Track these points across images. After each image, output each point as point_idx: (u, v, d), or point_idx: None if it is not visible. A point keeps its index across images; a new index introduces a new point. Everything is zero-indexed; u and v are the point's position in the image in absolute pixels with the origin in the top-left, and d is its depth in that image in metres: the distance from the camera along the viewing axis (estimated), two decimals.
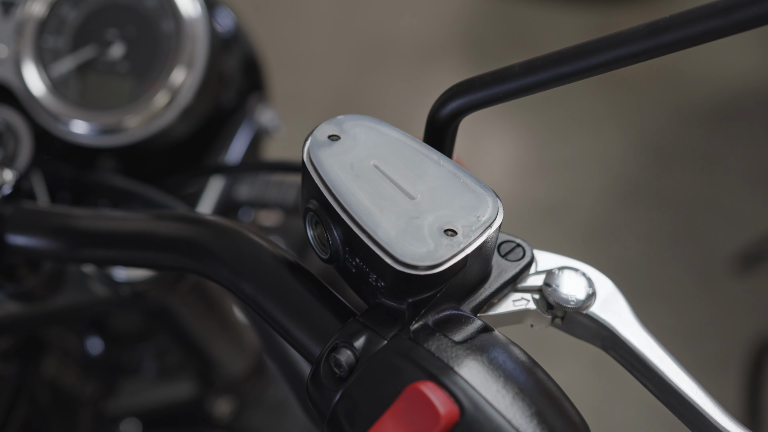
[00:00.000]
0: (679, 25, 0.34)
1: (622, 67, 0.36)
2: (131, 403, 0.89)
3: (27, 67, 0.67)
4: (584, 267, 0.44)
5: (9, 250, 0.52)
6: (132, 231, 0.49)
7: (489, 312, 0.43)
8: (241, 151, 0.77)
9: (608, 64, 0.37)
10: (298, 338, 0.42)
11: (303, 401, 0.59)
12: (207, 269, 0.46)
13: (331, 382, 0.38)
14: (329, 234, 0.41)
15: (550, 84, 0.39)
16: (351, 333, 0.38)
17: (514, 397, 0.35)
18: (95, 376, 0.84)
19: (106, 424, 0.87)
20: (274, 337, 0.61)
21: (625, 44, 0.36)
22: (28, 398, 0.72)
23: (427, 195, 0.41)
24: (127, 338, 0.87)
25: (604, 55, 0.36)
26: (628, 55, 0.36)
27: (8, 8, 0.68)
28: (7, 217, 0.53)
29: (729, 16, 0.33)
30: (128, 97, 0.66)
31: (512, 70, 0.39)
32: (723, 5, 0.33)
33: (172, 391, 0.90)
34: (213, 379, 0.89)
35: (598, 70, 0.37)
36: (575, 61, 0.37)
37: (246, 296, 0.43)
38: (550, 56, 0.38)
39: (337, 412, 0.37)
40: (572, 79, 0.38)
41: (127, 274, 0.64)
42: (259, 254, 0.44)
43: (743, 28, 0.33)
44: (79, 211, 0.52)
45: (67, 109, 0.66)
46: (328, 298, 0.42)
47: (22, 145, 0.64)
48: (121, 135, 0.65)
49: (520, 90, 0.39)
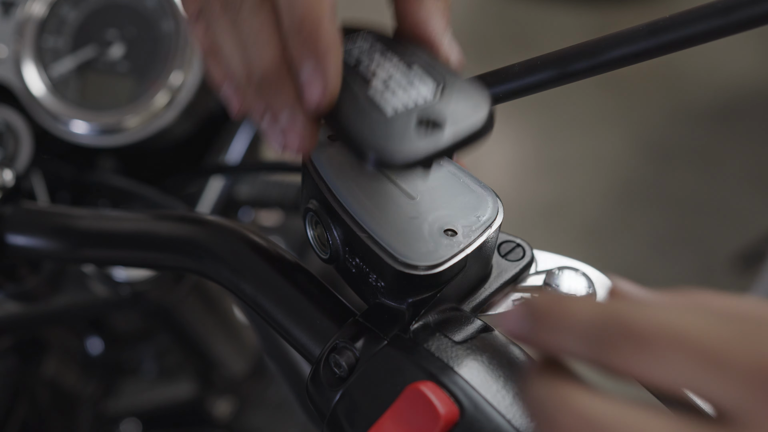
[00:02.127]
0: (679, 25, 0.34)
1: (622, 67, 0.36)
2: (131, 403, 0.89)
3: (27, 67, 0.67)
4: (584, 267, 0.44)
5: (9, 250, 0.52)
6: (132, 231, 0.49)
7: (489, 312, 0.43)
8: (241, 151, 0.77)
9: (608, 64, 0.37)
10: (298, 338, 0.42)
11: (303, 401, 0.59)
12: (207, 269, 0.46)
13: (331, 382, 0.38)
14: (329, 234, 0.41)
15: (550, 84, 0.39)
16: (351, 333, 0.38)
17: (514, 397, 0.35)
18: (95, 376, 0.84)
19: (106, 424, 0.87)
20: (274, 337, 0.61)
21: (625, 44, 0.36)
22: (28, 398, 0.72)
23: (427, 195, 0.41)
24: (127, 338, 0.87)
25: (604, 55, 0.36)
26: (628, 55, 0.36)
27: (8, 8, 0.68)
28: (7, 217, 0.53)
29: (729, 16, 0.33)
30: (128, 97, 0.66)
31: (512, 69, 0.39)
32: (723, 5, 0.33)
33: (172, 391, 0.90)
34: (213, 379, 0.89)
35: (599, 70, 0.37)
36: (576, 60, 0.37)
37: (246, 296, 0.43)
38: (550, 56, 0.38)
39: (337, 412, 0.37)
40: (573, 78, 0.38)
41: (127, 274, 0.64)
42: (259, 254, 0.44)
43: (743, 28, 0.33)
44: (79, 211, 0.52)
45: (67, 109, 0.66)
46: (328, 298, 0.42)
47: (22, 145, 0.64)
48: (121, 135, 0.65)
49: (520, 90, 0.39)
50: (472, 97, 0.36)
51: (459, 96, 0.36)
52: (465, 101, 0.35)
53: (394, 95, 0.36)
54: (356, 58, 0.39)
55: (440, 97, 0.36)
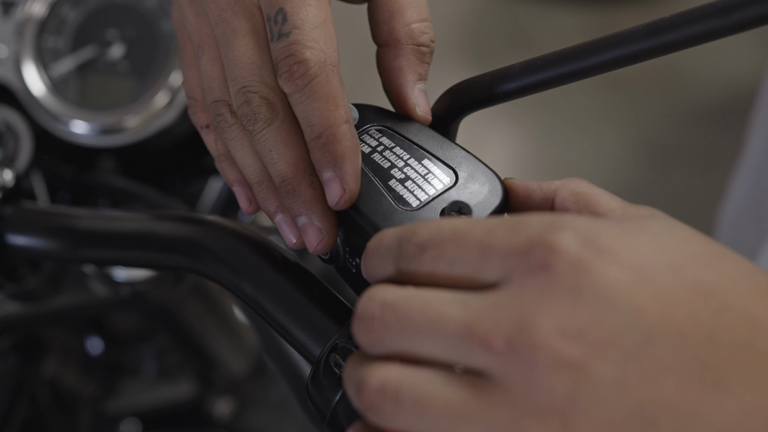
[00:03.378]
0: (679, 25, 0.34)
1: (622, 67, 0.36)
2: (131, 403, 0.89)
3: (27, 67, 0.67)
4: None
5: (9, 250, 0.52)
6: (132, 231, 0.49)
7: None
8: None
9: (608, 64, 0.37)
10: (298, 338, 0.42)
11: (303, 401, 0.59)
12: (207, 269, 0.46)
13: (331, 382, 0.38)
14: None
15: (550, 84, 0.39)
16: (351, 333, 0.38)
17: None
18: (95, 376, 0.84)
19: (106, 424, 0.87)
20: (274, 337, 0.61)
21: (625, 44, 0.36)
22: (28, 398, 0.72)
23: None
24: (127, 338, 0.87)
25: (604, 55, 0.36)
26: (628, 55, 0.36)
27: (8, 8, 0.68)
28: (7, 217, 0.53)
29: (729, 16, 0.33)
30: (128, 97, 0.66)
31: (512, 70, 0.40)
32: (723, 5, 0.33)
33: (172, 391, 0.90)
34: (213, 379, 0.89)
35: (598, 70, 0.37)
36: (575, 61, 0.37)
37: (246, 296, 0.43)
38: (550, 56, 0.38)
39: (337, 412, 0.37)
40: (572, 79, 0.38)
41: (127, 274, 0.64)
42: (259, 254, 0.44)
43: (743, 28, 0.33)
44: (79, 211, 0.52)
45: (67, 109, 0.66)
46: (328, 298, 0.42)
47: (22, 145, 0.64)
48: (121, 135, 0.65)
49: (520, 90, 0.40)
50: (485, 179, 0.40)
51: (474, 180, 0.39)
52: (481, 184, 0.39)
53: (416, 185, 0.39)
54: (370, 147, 0.41)
55: (459, 183, 0.39)
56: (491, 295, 0.30)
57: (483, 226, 0.31)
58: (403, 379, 0.30)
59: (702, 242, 0.31)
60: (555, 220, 0.30)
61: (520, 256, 0.29)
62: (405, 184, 0.39)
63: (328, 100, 0.38)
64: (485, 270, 0.30)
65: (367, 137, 0.42)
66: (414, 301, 0.31)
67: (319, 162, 0.39)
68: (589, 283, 0.28)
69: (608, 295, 0.28)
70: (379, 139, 0.42)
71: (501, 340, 0.28)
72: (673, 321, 0.28)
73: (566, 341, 0.28)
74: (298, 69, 0.38)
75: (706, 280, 0.29)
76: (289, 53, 0.38)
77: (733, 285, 0.29)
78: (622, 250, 0.29)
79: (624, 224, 0.31)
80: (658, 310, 0.28)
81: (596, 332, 0.28)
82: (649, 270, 0.29)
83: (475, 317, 0.29)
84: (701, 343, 0.28)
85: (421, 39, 0.43)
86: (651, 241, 0.30)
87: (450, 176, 0.40)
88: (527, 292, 0.29)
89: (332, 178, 0.38)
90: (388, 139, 0.42)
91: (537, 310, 0.28)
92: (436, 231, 0.32)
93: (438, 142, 0.41)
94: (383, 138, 0.42)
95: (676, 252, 0.30)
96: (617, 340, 0.28)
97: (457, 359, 0.30)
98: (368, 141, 0.42)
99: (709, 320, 0.28)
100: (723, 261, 0.30)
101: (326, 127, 0.38)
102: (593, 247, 0.29)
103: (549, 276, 0.28)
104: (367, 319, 0.31)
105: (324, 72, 0.39)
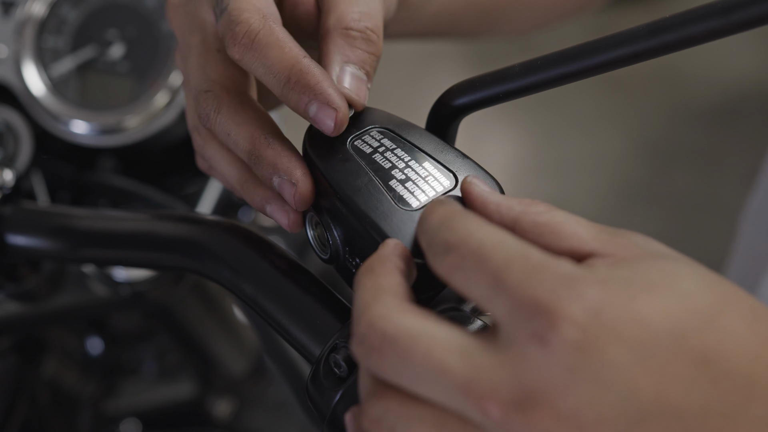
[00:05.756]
0: (679, 25, 0.34)
1: (622, 67, 0.36)
2: (131, 403, 0.89)
3: (27, 67, 0.67)
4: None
5: (9, 250, 0.53)
6: (132, 231, 0.49)
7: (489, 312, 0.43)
8: None
9: (608, 64, 0.37)
10: (298, 338, 0.42)
11: (303, 401, 0.59)
12: (207, 269, 0.46)
13: (331, 382, 0.38)
14: (329, 234, 0.41)
15: (550, 84, 0.39)
16: (351, 333, 0.38)
17: None
18: (95, 376, 0.84)
19: (106, 424, 0.87)
20: (274, 337, 0.61)
21: (625, 44, 0.36)
22: (28, 398, 0.72)
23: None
24: (127, 338, 0.87)
25: (604, 55, 0.36)
26: (628, 55, 0.36)
27: (8, 8, 0.68)
28: (7, 217, 0.53)
29: (729, 16, 0.33)
30: (128, 97, 0.66)
31: (512, 70, 0.40)
32: (723, 5, 0.33)
33: (172, 391, 0.90)
34: (213, 379, 0.89)
35: (598, 70, 0.37)
36: (575, 61, 0.37)
37: (246, 296, 0.43)
38: (550, 56, 0.38)
39: (337, 412, 0.37)
40: (572, 79, 0.38)
41: (127, 274, 0.64)
42: (259, 254, 0.44)
43: (743, 28, 0.33)
44: (79, 211, 0.52)
45: (67, 109, 0.66)
46: (328, 298, 0.42)
47: (22, 145, 0.64)
48: (121, 135, 0.65)
49: (520, 90, 0.40)
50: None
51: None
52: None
53: (416, 186, 0.40)
54: (371, 147, 0.41)
55: (458, 187, 0.39)
56: (493, 349, 0.29)
57: (506, 251, 0.30)
58: (401, 416, 0.30)
59: (705, 290, 0.31)
60: (570, 285, 0.29)
61: (524, 315, 0.29)
62: (405, 185, 0.39)
63: (279, 46, 0.39)
64: (493, 304, 0.30)
65: (368, 138, 0.42)
66: (416, 343, 0.30)
67: (300, 101, 0.39)
68: (587, 364, 0.28)
69: (605, 376, 0.28)
70: (381, 141, 0.42)
71: (497, 409, 0.28)
72: (668, 398, 0.28)
73: (559, 423, 0.28)
74: (239, 30, 0.39)
75: (708, 345, 0.29)
76: (229, 20, 0.40)
77: (734, 345, 0.29)
78: (626, 325, 0.29)
79: (632, 286, 0.30)
80: (654, 387, 0.28)
81: (590, 413, 0.28)
82: (650, 345, 0.28)
83: (476, 375, 0.29)
84: (694, 419, 0.28)
85: (350, 24, 0.42)
86: (658, 304, 0.29)
87: (450, 179, 0.40)
88: (527, 360, 0.28)
89: (319, 107, 0.39)
90: (389, 141, 0.42)
91: (534, 386, 0.28)
92: (466, 236, 0.32)
93: (438, 146, 0.42)
94: (384, 139, 0.42)
95: (680, 315, 0.29)
96: (611, 421, 0.28)
97: (453, 408, 0.30)
98: (370, 142, 0.42)
99: (706, 392, 0.28)
100: (726, 313, 0.30)
101: (289, 67, 0.39)
102: (598, 323, 0.28)
103: (548, 350, 0.28)
104: (366, 347, 0.31)
105: (266, 25, 0.39)
